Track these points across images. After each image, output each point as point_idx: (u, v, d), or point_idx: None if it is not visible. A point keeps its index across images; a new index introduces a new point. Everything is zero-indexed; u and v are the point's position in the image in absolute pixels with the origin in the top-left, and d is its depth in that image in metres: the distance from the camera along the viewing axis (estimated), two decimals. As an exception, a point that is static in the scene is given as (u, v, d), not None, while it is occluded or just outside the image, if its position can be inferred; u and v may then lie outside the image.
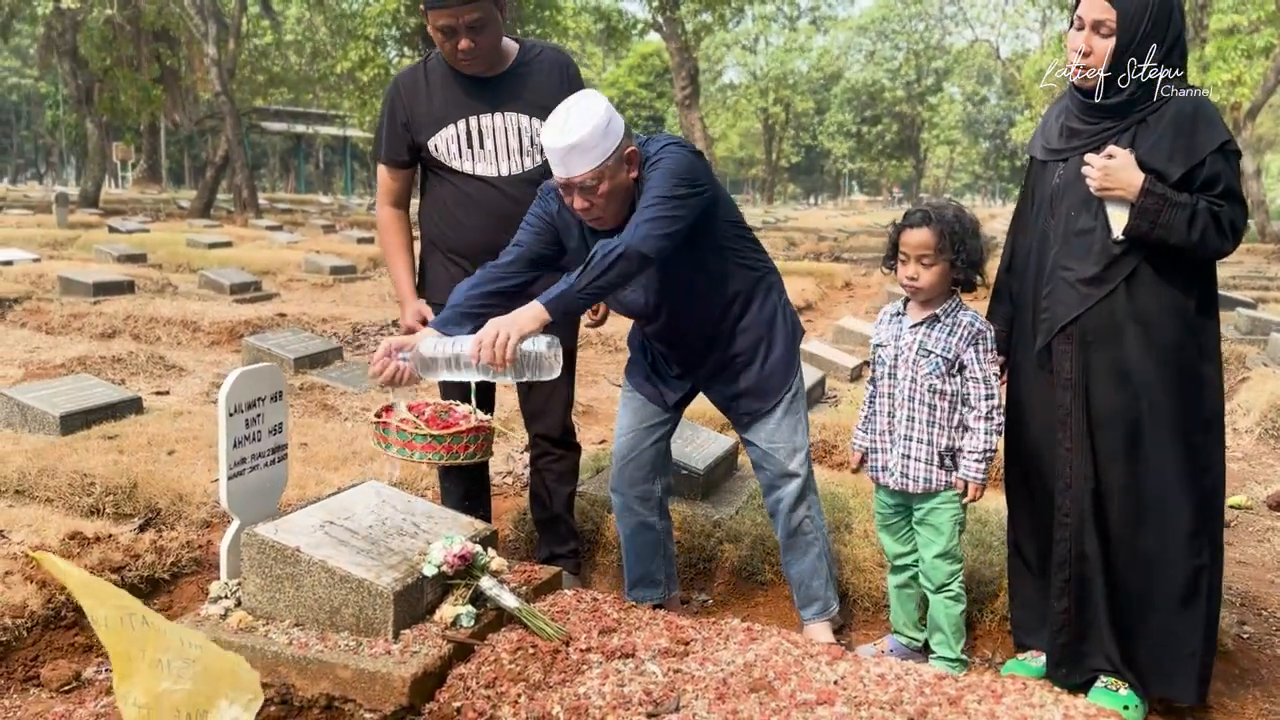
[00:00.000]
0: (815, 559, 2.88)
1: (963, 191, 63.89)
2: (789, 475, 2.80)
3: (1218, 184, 2.37)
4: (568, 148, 2.40)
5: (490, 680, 2.11)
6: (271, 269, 12.14)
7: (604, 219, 2.52)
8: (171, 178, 47.17)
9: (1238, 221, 2.39)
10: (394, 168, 3.03)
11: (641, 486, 2.93)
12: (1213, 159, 2.37)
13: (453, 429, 2.40)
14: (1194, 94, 2.42)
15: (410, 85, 2.96)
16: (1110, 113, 2.46)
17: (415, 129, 2.96)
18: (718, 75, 52.34)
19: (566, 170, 2.43)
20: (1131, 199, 2.37)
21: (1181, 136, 2.38)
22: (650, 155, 2.52)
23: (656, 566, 3.00)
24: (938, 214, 2.66)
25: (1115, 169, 2.38)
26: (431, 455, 2.39)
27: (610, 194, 2.47)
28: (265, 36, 28.17)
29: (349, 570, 2.25)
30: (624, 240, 2.39)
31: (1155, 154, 2.39)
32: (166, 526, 3.64)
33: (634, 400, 2.93)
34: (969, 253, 2.65)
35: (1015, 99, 45.56)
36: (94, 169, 25.62)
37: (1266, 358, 7.21)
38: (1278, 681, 2.83)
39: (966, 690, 2.02)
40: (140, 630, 2.14)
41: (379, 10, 20.89)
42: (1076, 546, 2.57)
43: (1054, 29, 31.50)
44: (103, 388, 5.01)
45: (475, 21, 2.73)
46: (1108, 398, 2.50)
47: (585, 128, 2.39)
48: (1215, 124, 2.39)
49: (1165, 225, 2.35)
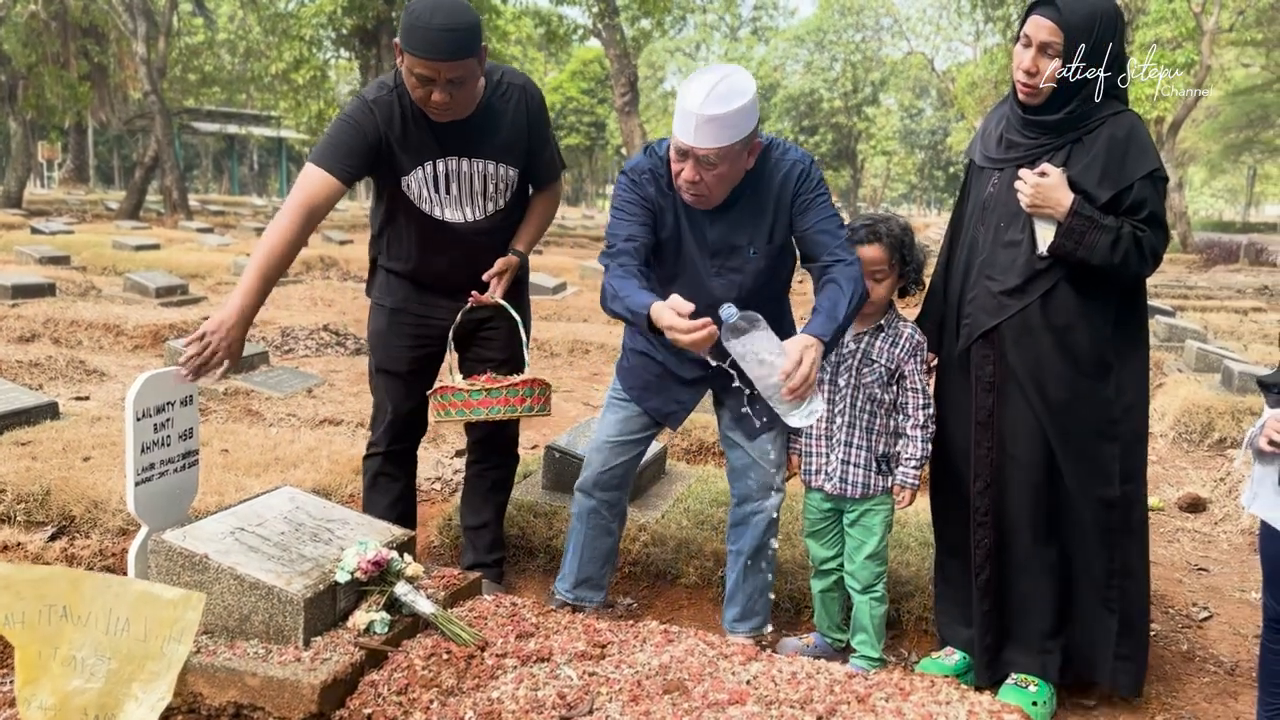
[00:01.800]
0: (767, 578, 2.85)
1: (899, 201, 64.92)
2: (774, 490, 2.77)
3: (1143, 209, 2.43)
4: (709, 118, 2.32)
5: (402, 686, 2.09)
6: (200, 272, 11.90)
7: (708, 199, 2.49)
8: (100, 178, 45.99)
9: (1159, 246, 2.46)
10: (335, 178, 2.66)
11: (613, 493, 2.88)
12: (1140, 184, 2.43)
13: (508, 383, 2.47)
14: (1128, 114, 2.48)
15: (387, 114, 2.71)
16: (1047, 129, 2.52)
17: (386, 158, 2.76)
18: (659, 82, 52.52)
19: (697, 139, 2.36)
20: (1060, 218, 2.44)
21: (1113, 160, 2.44)
22: (805, 169, 2.56)
23: (604, 572, 2.97)
24: (885, 229, 2.72)
25: (1047, 188, 2.44)
26: (492, 410, 2.51)
27: (725, 176, 2.45)
28: (197, 35, 27.64)
29: (259, 577, 2.21)
30: (854, 278, 2.48)
31: (1086, 175, 2.45)
32: (80, 534, 3.55)
33: (625, 409, 2.85)
34: (915, 264, 2.74)
35: (950, 110, 46.44)
36: (18, 168, 24.90)
37: (1182, 364, 7.44)
38: (1180, 677, 2.92)
39: (875, 688, 2.05)
40: (57, 625, 2.10)
41: (314, 10, 20.62)
42: (994, 547, 2.63)
43: (986, 42, 32.16)
44: (17, 392, 4.86)
45: (456, 77, 2.57)
46: (1024, 401, 2.56)
47: (733, 105, 2.32)
48: (1147, 150, 2.45)
49: (1089, 247, 2.42)
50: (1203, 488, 4.82)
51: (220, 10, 27.70)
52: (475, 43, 2.57)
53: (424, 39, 2.51)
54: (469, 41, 2.54)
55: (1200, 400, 5.89)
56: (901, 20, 42.99)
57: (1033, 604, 2.63)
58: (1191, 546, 4.11)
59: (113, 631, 2.12)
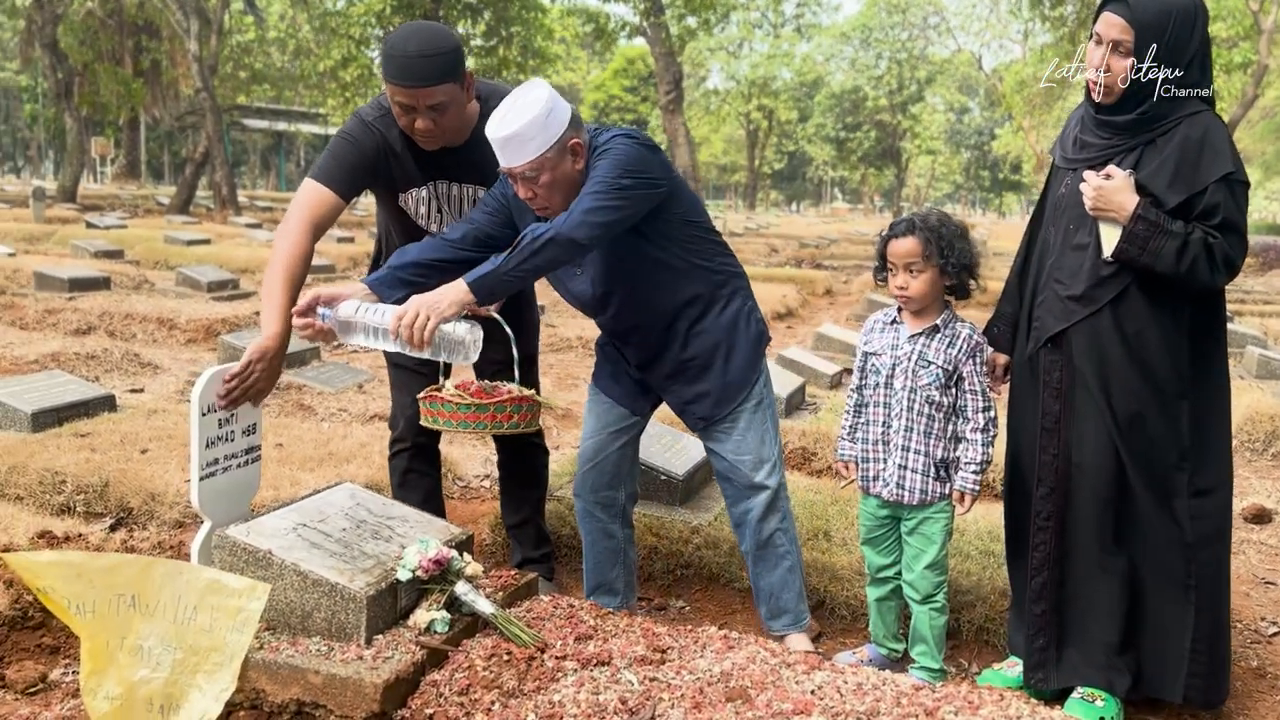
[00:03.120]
0: (787, 572, 2.82)
1: (943, 201, 64.26)
2: (756, 488, 2.75)
3: (1216, 214, 2.34)
4: (505, 138, 2.38)
5: (464, 687, 2.09)
6: (250, 267, 12.05)
7: (550, 208, 2.50)
8: (151, 174, 46.81)
9: (1233, 255, 2.36)
10: (336, 195, 2.68)
11: (605, 493, 2.89)
12: (1215, 188, 2.34)
13: (496, 399, 2.45)
14: (1205, 115, 2.39)
15: (384, 134, 2.72)
16: (1120, 130, 2.45)
17: (384, 176, 2.79)
18: (702, 80, 52.43)
19: (506, 160, 2.43)
20: (1123, 222, 2.37)
21: (1185, 163, 2.36)
22: (599, 145, 2.50)
23: (616, 575, 2.96)
24: (921, 221, 2.67)
25: (1110, 190, 2.38)
26: (477, 425, 2.48)
27: (553, 184, 2.45)
28: (248, 33, 28.00)
29: (322, 574, 2.22)
30: (555, 225, 2.39)
31: (1156, 179, 2.38)
32: (138, 526, 3.59)
33: (600, 403, 2.89)
34: (958, 255, 2.64)
35: (997, 110, 45.87)
36: (72, 163, 25.38)
37: (1243, 370, 7.27)
38: (1251, 695, 2.84)
39: (943, 701, 2.01)
40: (125, 614, 2.12)
41: (364, 9, 20.81)
42: (1055, 551, 2.57)
43: (1035, 40, 31.72)
44: (76, 385, 4.94)
45: (436, 104, 2.55)
46: (1094, 411, 2.50)
47: (522, 119, 2.37)
48: (1222, 152, 2.36)
49: (1154, 253, 2.34)
50: (1268, 498, 4.70)
51: (271, 8, 28.06)
52: (453, 68, 2.55)
53: (400, 66, 2.51)
54: (446, 67, 2.53)
55: (1264, 408, 5.74)
56: (949, 18, 42.54)
57: (1097, 614, 2.57)
58: (1258, 559, 4.00)
59: (180, 620, 2.13)
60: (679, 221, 2.63)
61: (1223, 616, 2.56)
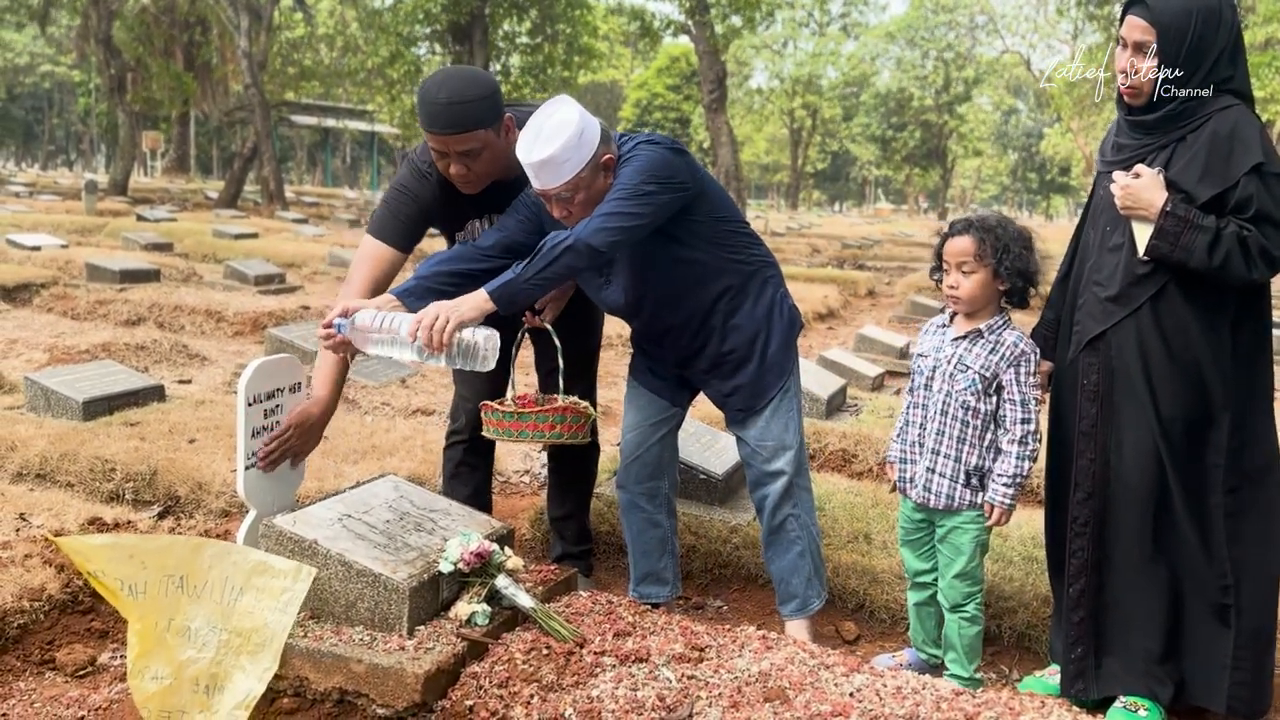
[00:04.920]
0: (797, 557, 2.82)
1: (990, 202, 63.59)
2: (774, 474, 2.76)
3: (1250, 207, 2.31)
4: (540, 163, 2.38)
5: (503, 680, 2.10)
6: (296, 261, 12.20)
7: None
8: (199, 168, 47.56)
9: (1270, 247, 2.31)
10: (397, 251, 2.71)
11: (649, 484, 2.91)
12: (1246, 180, 2.31)
13: (537, 410, 2.54)
14: (1235, 109, 2.37)
15: (437, 178, 2.73)
16: (1149, 129, 2.44)
17: (442, 219, 2.83)
18: (745, 79, 52.29)
19: (541, 183, 2.43)
20: (1153, 219, 2.35)
21: (1215, 157, 2.34)
22: (624, 154, 2.50)
23: (664, 565, 2.98)
24: (980, 221, 2.65)
25: (1138, 188, 2.36)
26: (523, 434, 2.61)
27: (588, 201, 2.46)
28: (297, 30, 28.35)
29: (366, 564, 2.24)
30: (574, 232, 2.38)
31: (1186, 175, 2.36)
32: (185, 514, 3.66)
33: (640, 396, 2.92)
34: (1014, 259, 2.59)
35: (1046, 111, 45.27)
36: (124, 157, 25.85)
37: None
38: (1300, 708, 2.79)
39: (984, 707, 1.99)
40: (174, 596, 2.16)
41: (411, 6, 20.99)
42: (1093, 557, 2.54)
43: (1085, 40, 31.26)
44: (126, 374, 5.04)
45: (467, 150, 2.54)
46: (1135, 414, 2.47)
47: (556, 143, 2.37)
48: (1251, 145, 2.33)
49: (1186, 248, 2.32)
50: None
51: (320, 5, 28.40)
52: (486, 114, 2.53)
53: (430, 113, 2.51)
54: (478, 114, 2.52)
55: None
56: (996, 17, 42.06)
57: (1138, 621, 2.53)
58: (1308, 571, 3.92)
59: (226, 602, 2.17)
60: (709, 220, 2.63)
61: (1267, 624, 2.52)
